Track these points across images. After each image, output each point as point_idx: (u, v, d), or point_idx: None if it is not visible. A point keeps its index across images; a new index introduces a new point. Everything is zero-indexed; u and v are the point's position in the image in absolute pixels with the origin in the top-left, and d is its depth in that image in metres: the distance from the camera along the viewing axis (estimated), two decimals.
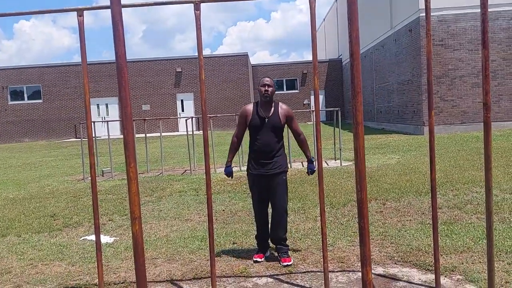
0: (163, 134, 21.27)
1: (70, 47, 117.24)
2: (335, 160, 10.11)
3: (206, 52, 58.54)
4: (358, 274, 3.50)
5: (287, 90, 31.08)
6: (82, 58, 3.04)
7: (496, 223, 4.45)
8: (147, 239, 4.66)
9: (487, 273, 2.77)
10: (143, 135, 18.52)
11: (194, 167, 9.86)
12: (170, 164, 11.28)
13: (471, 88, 15.30)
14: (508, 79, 15.25)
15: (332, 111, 12.11)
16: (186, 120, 10.55)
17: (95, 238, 3.12)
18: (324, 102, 30.88)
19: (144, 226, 5.07)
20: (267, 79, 3.88)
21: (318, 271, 3.58)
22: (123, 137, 1.41)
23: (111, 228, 5.30)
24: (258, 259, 3.88)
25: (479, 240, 4.03)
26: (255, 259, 3.89)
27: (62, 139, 27.23)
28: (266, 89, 3.82)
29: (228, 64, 27.67)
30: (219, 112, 25.75)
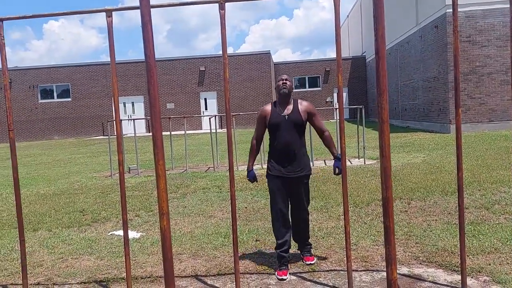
0: (187, 132, 21.53)
1: (98, 47, 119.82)
2: (359, 159, 10.02)
3: (229, 50, 58.72)
4: (382, 273, 3.48)
5: (309, 87, 30.93)
6: (111, 58, 3.12)
7: None
8: (172, 235, 4.75)
9: None
10: (168, 133, 18.78)
11: (217, 164, 9.97)
12: (194, 162, 11.42)
13: (499, 85, 14.89)
14: None
15: (355, 108, 12.00)
16: (210, 118, 10.65)
17: (123, 233, 3.21)
18: (347, 99, 30.59)
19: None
20: (284, 75, 3.77)
21: (342, 270, 3.58)
22: (152, 134, 1.46)
23: (138, 223, 5.42)
24: (284, 277, 3.50)
25: (507, 241, 3.94)
26: (280, 277, 3.50)
27: (90, 136, 27.90)
28: (284, 81, 3.65)
29: (250, 62, 27.75)
30: (241, 110, 25.84)
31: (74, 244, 4.71)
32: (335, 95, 31.01)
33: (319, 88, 30.96)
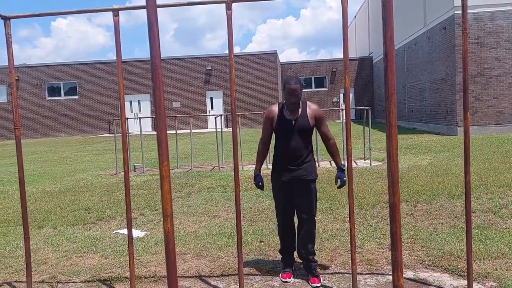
0: (193, 130, 21.56)
1: (105, 45, 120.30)
2: (365, 160, 9.97)
3: (236, 50, 58.74)
4: (387, 277, 3.45)
5: (315, 88, 30.88)
6: (117, 57, 3.12)
7: None
8: (176, 235, 4.74)
9: None
10: (173, 131, 18.82)
11: (222, 164, 9.96)
12: (199, 161, 11.43)
13: (508, 88, 14.75)
14: None
15: (362, 109, 11.94)
16: (216, 117, 10.65)
17: (127, 232, 3.20)
18: (354, 100, 30.48)
19: (173, 222, 5.16)
20: (293, 84, 3.34)
21: (346, 273, 3.55)
22: (157, 135, 1.45)
23: (142, 222, 5.43)
24: (288, 280, 3.46)
25: None
26: (284, 280, 3.46)
27: (97, 134, 28.02)
28: (293, 101, 3.37)
29: (257, 62, 27.74)
30: (247, 110, 25.83)
31: (78, 242, 4.72)
32: (341, 95, 30.93)
33: (325, 89, 30.89)
